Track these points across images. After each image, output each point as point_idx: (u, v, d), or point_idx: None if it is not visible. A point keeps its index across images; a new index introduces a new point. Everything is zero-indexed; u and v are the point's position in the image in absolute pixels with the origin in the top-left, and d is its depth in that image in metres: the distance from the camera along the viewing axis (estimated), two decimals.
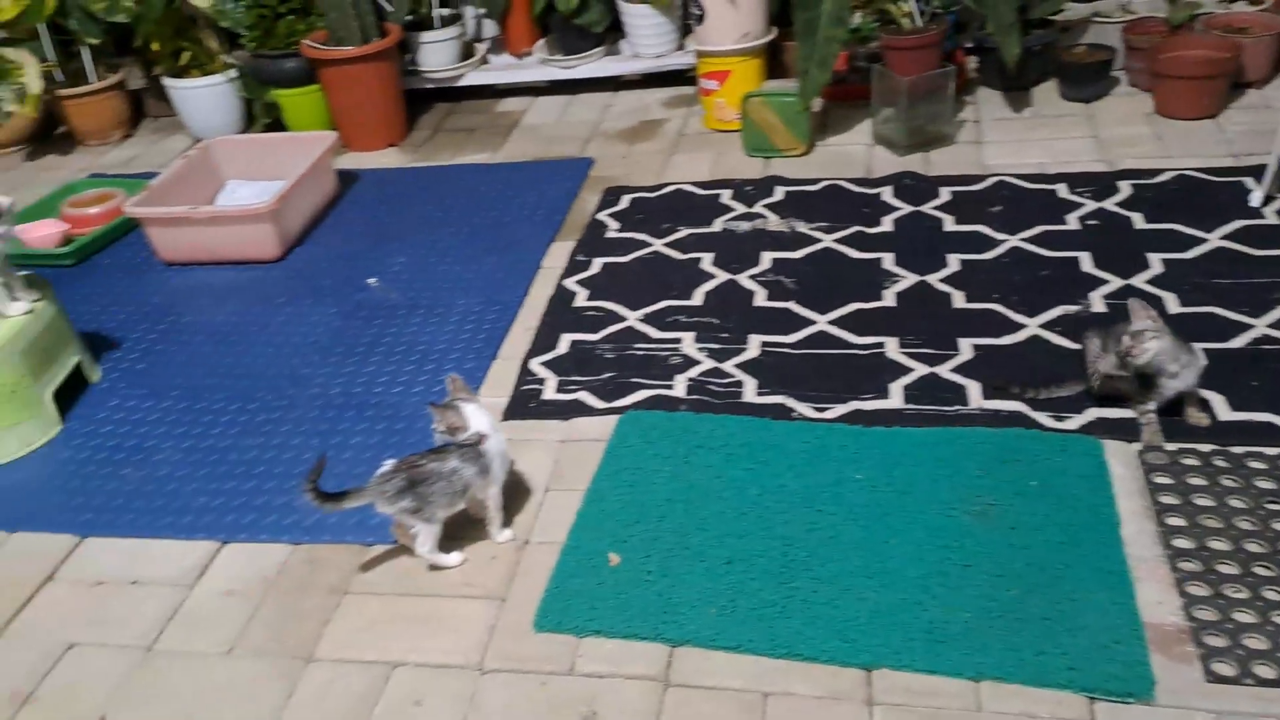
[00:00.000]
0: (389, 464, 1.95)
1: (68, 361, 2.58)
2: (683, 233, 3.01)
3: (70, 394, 2.59)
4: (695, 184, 3.27)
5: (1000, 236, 2.80)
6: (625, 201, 3.22)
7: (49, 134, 4.32)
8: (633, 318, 2.66)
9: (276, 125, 3.97)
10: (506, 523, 2.07)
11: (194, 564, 2.09)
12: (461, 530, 2.05)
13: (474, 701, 1.74)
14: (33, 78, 3.92)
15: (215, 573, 2.06)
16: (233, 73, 3.94)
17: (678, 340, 2.55)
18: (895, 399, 2.27)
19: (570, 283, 2.84)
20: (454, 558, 2.00)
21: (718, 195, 3.19)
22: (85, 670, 1.88)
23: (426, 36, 3.98)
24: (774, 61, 3.73)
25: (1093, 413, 2.16)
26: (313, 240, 3.25)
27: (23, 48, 3.98)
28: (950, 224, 2.89)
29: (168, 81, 4.00)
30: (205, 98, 3.98)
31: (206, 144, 3.55)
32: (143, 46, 4.00)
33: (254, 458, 2.34)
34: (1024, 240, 2.78)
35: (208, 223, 3.12)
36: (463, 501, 1.98)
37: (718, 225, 3.03)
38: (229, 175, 3.54)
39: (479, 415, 2.00)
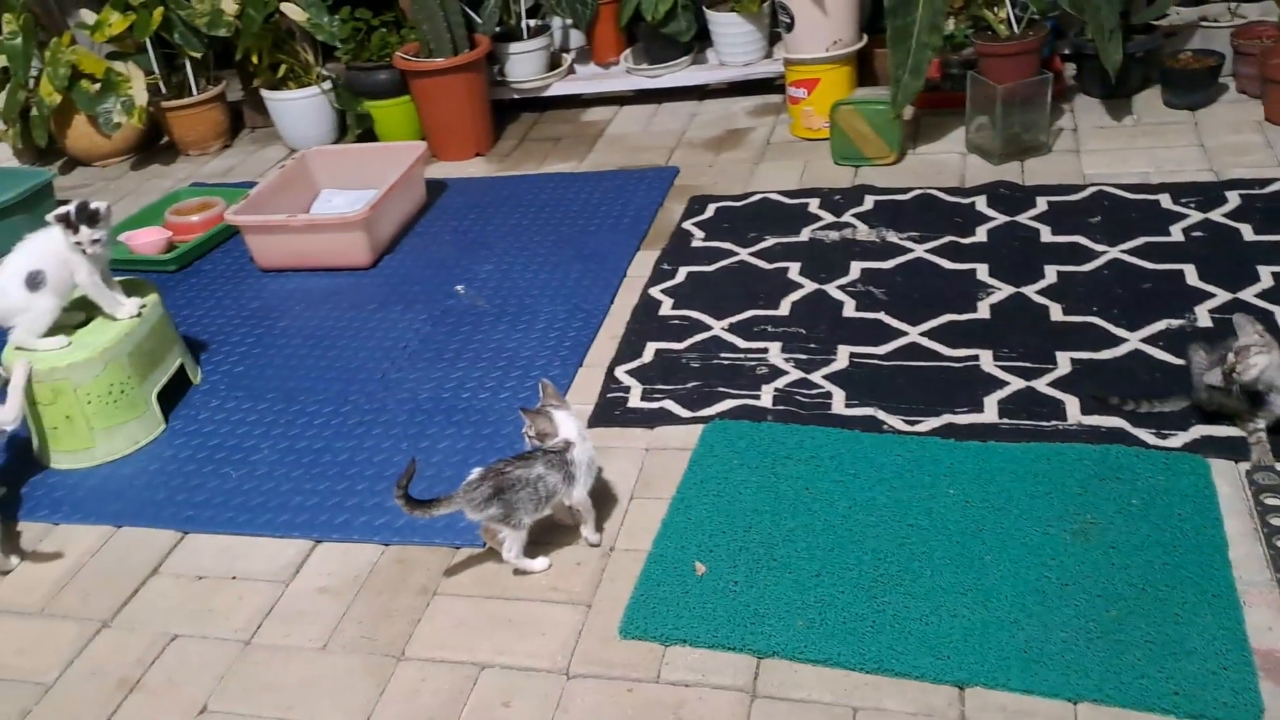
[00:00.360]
0: (476, 472, 1.97)
1: (171, 363, 2.67)
2: (769, 242, 3.00)
3: (173, 395, 2.68)
4: (782, 193, 3.25)
5: (1100, 248, 2.73)
6: (711, 210, 3.22)
7: (153, 144, 4.48)
8: (718, 327, 2.65)
9: (368, 136, 4.07)
10: (596, 527, 2.07)
11: (289, 561, 2.14)
12: (548, 535, 2.07)
13: (561, 705, 1.74)
14: (139, 90, 4.09)
15: (310, 570, 2.11)
16: (327, 85, 4.05)
17: (764, 350, 2.53)
18: (990, 413, 2.22)
19: (655, 291, 2.85)
20: (540, 563, 2.01)
21: (805, 204, 3.16)
22: (188, 661, 1.95)
23: (514, 47, 4.03)
24: (864, 69, 3.70)
25: (1198, 430, 2.09)
26: (403, 248, 3.32)
27: (130, 61, 4.15)
28: (1047, 235, 2.82)
29: (266, 93, 4.13)
30: (301, 109, 4.10)
31: (303, 154, 3.66)
32: (242, 59, 4.13)
33: (346, 460, 2.39)
34: (1125, 252, 2.70)
35: (303, 230, 3.20)
36: (548, 507, 2.00)
37: (805, 234, 3.00)
38: (323, 184, 3.63)
39: (568, 422, 2.01)
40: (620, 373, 2.54)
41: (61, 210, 2.41)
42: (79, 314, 2.54)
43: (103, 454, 2.50)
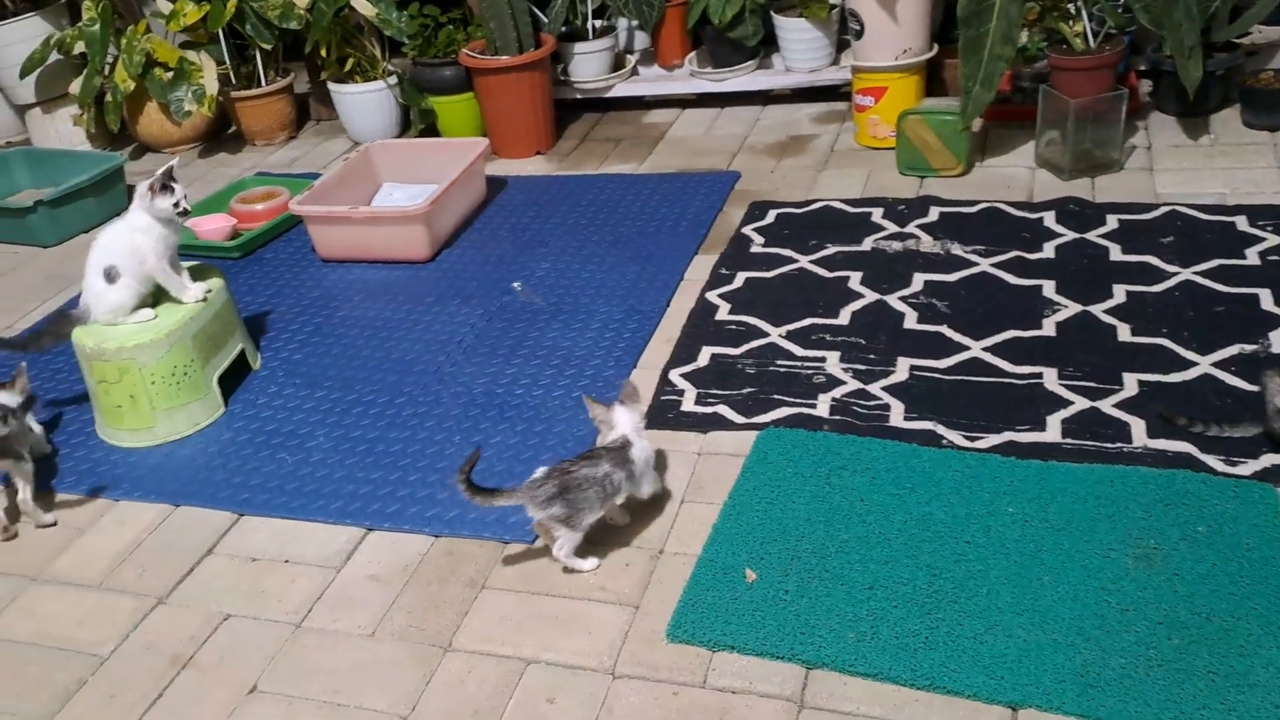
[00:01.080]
0: (541, 470, 1.97)
1: (233, 348, 2.70)
2: (830, 250, 2.97)
3: (233, 379, 2.71)
4: (845, 201, 3.22)
5: (1171, 269, 2.67)
6: (771, 216, 3.20)
7: (221, 133, 4.56)
8: (775, 334, 2.63)
9: (431, 131, 4.10)
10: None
11: (341, 548, 2.16)
12: (597, 535, 2.06)
13: (606, 704, 1.74)
14: (210, 79, 4.16)
15: (361, 557, 2.13)
16: (393, 79, 4.09)
17: (822, 359, 2.50)
18: (1053, 432, 2.17)
19: (712, 296, 2.83)
20: (589, 563, 2.01)
21: (868, 213, 3.13)
22: (239, 641, 1.97)
23: (579, 47, 4.05)
24: (933, 79, 3.65)
25: (1269, 459, 2.03)
26: (461, 243, 3.34)
27: (202, 51, 4.23)
28: (1117, 253, 2.77)
29: (332, 86, 4.18)
30: (366, 103, 4.14)
31: (366, 147, 3.69)
32: (311, 52, 4.19)
33: (399, 450, 2.41)
34: (1197, 274, 2.63)
35: (365, 223, 3.24)
36: (607, 507, 1.99)
37: (867, 244, 2.97)
38: (385, 178, 3.67)
39: (625, 418, 2.02)
40: (675, 376, 2.53)
41: (148, 183, 2.46)
42: (148, 297, 2.58)
43: (163, 434, 2.54)
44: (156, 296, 2.59)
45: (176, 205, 2.48)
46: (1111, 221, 2.90)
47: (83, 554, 2.23)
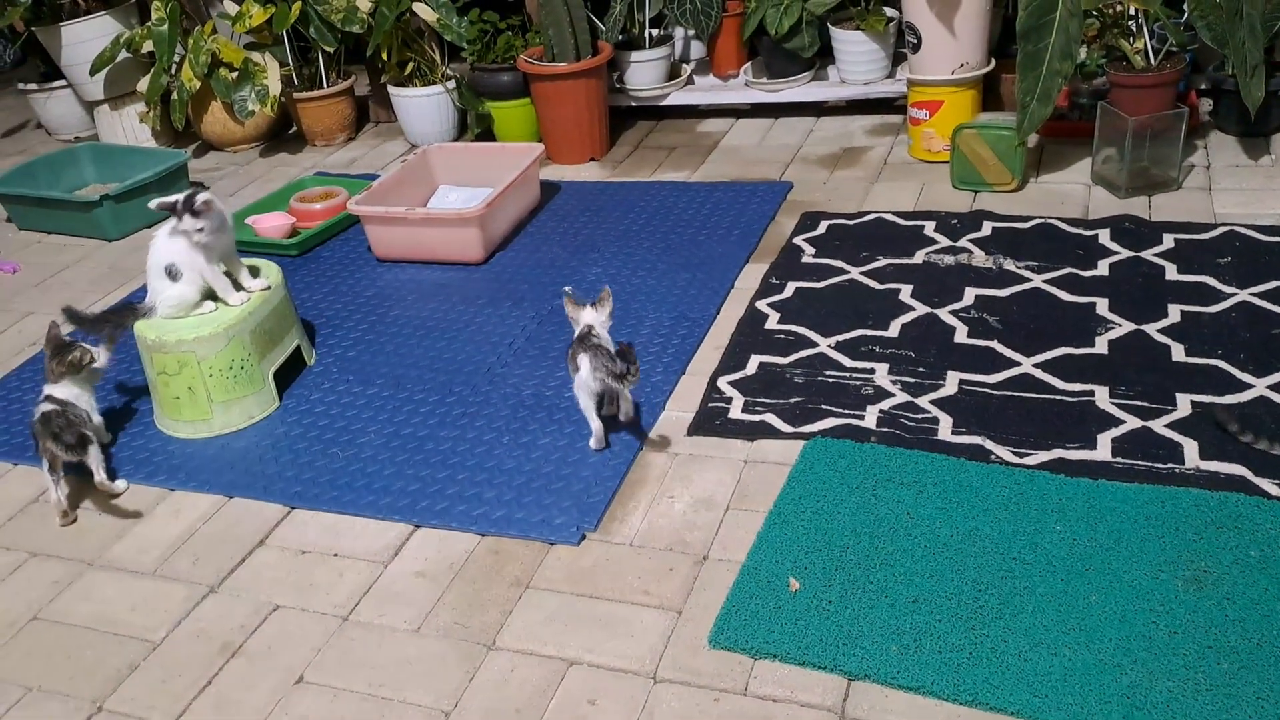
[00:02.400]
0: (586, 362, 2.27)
1: (289, 344, 2.76)
2: (881, 262, 2.96)
3: (288, 374, 2.77)
4: (897, 214, 3.21)
5: (1228, 289, 2.62)
6: (823, 227, 3.19)
7: (282, 133, 4.65)
8: (824, 344, 2.63)
9: (487, 135, 4.15)
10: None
11: (389, 543, 2.19)
12: (642, 536, 2.08)
13: (646, 708, 1.75)
14: (273, 80, 4.25)
15: (408, 554, 2.16)
16: (451, 84, 4.15)
17: (871, 370, 2.50)
18: (1103, 451, 2.15)
19: (762, 305, 2.84)
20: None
21: (921, 226, 3.12)
22: (288, 631, 2.01)
23: (636, 56, 4.07)
24: (989, 93, 3.63)
25: None
26: (514, 247, 3.37)
27: (266, 52, 4.32)
28: (1173, 273, 2.73)
29: (392, 89, 4.25)
30: (424, 106, 4.21)
31: (424, 150, 3.75)
32: (372, 55, 4.26)
33: (449, 449, 2.44)
34: (1255, 295, 2.59)
35: (420, 224, 3.28)
36: None
37: (919, 257, 2.96)
38: (441, 180, 3.72)
39: (590, 315, 2.37)
40: (723, 383, 2.54)
41: (169, 199, 2.52)
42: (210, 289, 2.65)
43: (219, 426, 2.60)
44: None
45: (185, 231, 2.49)
46: (1168, 240, 2.87)
47: (138, 541, 2.29)
